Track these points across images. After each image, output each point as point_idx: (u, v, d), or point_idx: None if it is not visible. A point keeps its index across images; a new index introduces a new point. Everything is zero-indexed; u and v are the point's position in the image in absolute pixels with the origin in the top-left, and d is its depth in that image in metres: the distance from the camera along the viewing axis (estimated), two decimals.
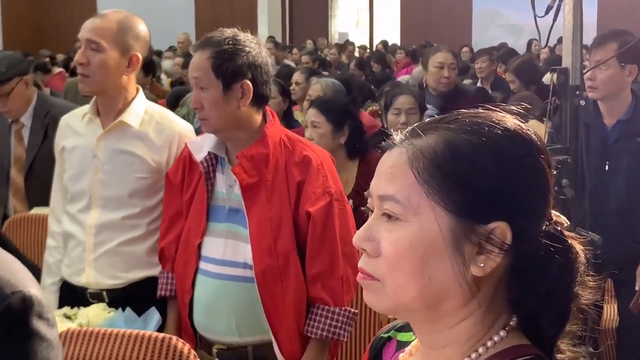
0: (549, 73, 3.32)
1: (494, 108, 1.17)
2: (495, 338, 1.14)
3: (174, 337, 2.46)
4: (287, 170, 2.86)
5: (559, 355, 1.17)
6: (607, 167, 3.54)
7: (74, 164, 3.38)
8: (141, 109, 3.32)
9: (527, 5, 3.23)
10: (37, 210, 4.71)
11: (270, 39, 18.17)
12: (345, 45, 17.43)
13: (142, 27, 3.39)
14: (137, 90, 3.37)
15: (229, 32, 2.88)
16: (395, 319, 1.39)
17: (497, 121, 1.14)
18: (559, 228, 1.16)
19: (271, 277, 2.78)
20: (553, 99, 3.01)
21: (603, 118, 3.53)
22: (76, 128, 3.41)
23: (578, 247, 1.17)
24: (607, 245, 2.79)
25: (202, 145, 2.97)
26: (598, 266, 2.66)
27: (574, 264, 1.15)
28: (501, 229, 1.09)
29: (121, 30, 3.20)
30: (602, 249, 3.17)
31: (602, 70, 3.56)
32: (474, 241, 1.10)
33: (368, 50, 17.75)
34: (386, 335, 1.38)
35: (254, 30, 13.79)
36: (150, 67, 6.14)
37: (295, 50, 16.71)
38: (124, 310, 3.20)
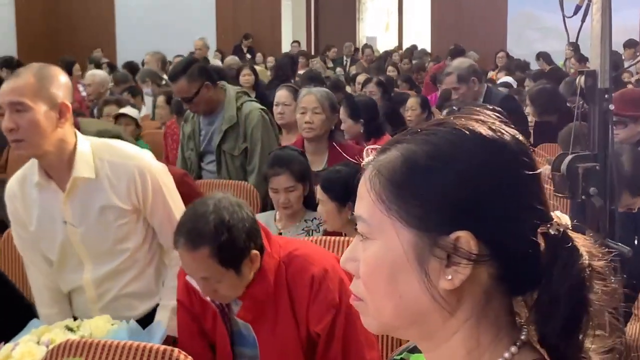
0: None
1: (466, 114, 1.16)
2: (506, 355, 1.10)
3: (176, 350, 2.43)
4: (291, 295, 2.91)
5: None
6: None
7: (45, 236, 3.32)
8: (89, 156, 3.20)
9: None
10: None
11: (295, 43, 18.21)
12: (363, 50, 17.40)
13: (61, 75, 3.28)
14: (76, 136, 3.23)
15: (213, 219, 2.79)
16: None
17: (458, 128, 1.12)
18: (561, 229, 1.11)
19: None
20: (581, 102, 2.98)
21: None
22: (29, 197, 3.31)
23: (585, 250, 1.12)
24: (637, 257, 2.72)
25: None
26: (627, 280, 2.60)
27: (578, 267, 1.10)
28: (464, 239, 1.07)
29: (41, 82, 3.07)
30: (632, 262, 3.15)
31: None
32: (440, 255, 1.08)
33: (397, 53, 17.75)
34: (399, 357, 1.37)
35: (277, 34, 13.89)
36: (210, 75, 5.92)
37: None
38: (127, 322, 3.19)
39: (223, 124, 5.37)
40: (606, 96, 3.00)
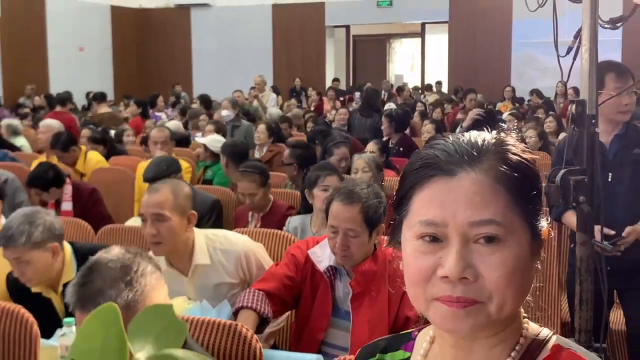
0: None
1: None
2: (523, 331, 1.11)
3: (240, 324, 2.43)
4: (391, 283, 2.85)
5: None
6: (609, 179, 3.47)
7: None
8: (204, 247, 3.27)
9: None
10: (132, 222, 4.68)
11: (335, 81, 18.19)
12: (398, 91, 17.36)
13: (187, 188, 3.39)
14: (193, 232, 3.31)
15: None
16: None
17: (519, 142, 1.12)
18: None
19: None
20: (572, 127, 2.97)
21: (599, 137, 3.47)
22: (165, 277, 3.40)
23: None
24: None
25: (321, 257, 3.02)
26: (609, 274, 2.58)
27: None
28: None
29: (176, 197, 3.15)
30: (614, 258, 3.15)
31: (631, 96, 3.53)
32: (538, 246, 1.08)
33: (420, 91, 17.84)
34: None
35: (322, 72, 13.79)
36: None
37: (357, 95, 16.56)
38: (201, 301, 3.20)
39: None
40: (593, 121, 2.99)
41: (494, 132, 1.12)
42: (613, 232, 3.26)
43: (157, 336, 0.40)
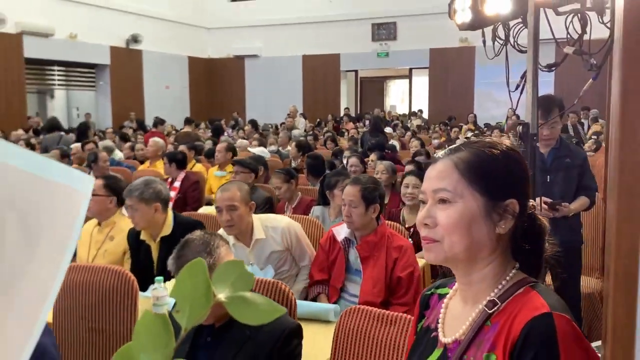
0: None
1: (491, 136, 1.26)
2: (510, 275, 1.15)
3: (280, 282, 2.42)
4: (388, 252, 2.98)
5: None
6: (548, 179, 3.47)
7: None
8: (259, 226, 3.29)
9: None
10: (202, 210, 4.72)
11: (346, 109, 18.19)
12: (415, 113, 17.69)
13: (246, 186, 3.42)
14: (252, 217, 3.35)
15: None
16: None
17: (499, 142, 1.18)
18: (532, 209, 1.18)
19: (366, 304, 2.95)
20: (519, 142, 2.96)
21: (539, 149, 3.47)
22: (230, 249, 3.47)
23: (545, 221, 1.20)
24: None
25: (340, 233, 3.13)
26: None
27: (543, 231, 1.18)
28: (513, 204, 1.12)
29: (242, 192, 3.20)
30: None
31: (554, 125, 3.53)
32: (498, 212, 1.11)
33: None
34: (429, 292, 1.32)
35: (338, 103, 13.73)
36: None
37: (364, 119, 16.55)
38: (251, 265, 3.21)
39: None
40: (534, 137, 2.98)
41: (472, 139, 1.24)
42: (550, 200, 3.32)
43: (233, 282, 0.40)
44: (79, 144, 7.98)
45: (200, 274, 0.39)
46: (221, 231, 3.27)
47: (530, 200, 1.19)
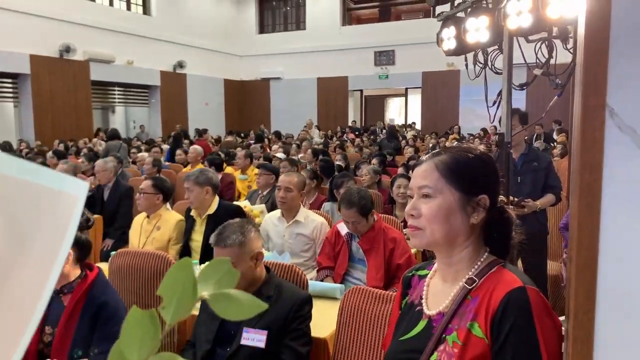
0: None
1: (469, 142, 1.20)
2: (483, 257, 1.14)
3: (295, 265, 2.38)
4: (385, 243, 2.92)
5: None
6: (519, 180, 3.41)
7: (273, 240, 3.40)
8: (304, 212, 3.37)
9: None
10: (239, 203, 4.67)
11: (353, 122, 18.11)
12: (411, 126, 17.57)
13: (302, 175, 3.62)
14: (300, 204, 3.43)
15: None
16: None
17: (476, 147, 1.18)
18: (501, 204, 1.16)
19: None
20: (496, 148, 2.91)
21: (512, 155, 3.39)
22: (272, 222, 3.45)
23: (513, 214, 1.18)
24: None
25: (343, 227, 3.05)
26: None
27: (510, 222, 1.16)
28: (484, 199, 1.11)
29: (298, 179, 3.40)
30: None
31: (515, 131, 3.46)
32: (472, 205, 1.10)
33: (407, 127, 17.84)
34: (410, 274, 1.29)
35: (346, 117, 13.71)
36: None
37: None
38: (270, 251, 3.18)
39: None
40: (509, 145, 2.92)
41: (451, 145, 1.26)
42: (516, 199, 3.25)
43: (218, 280, 0.36)
44: (145, 154, 8.01)
45: (187, 273, 0.35)
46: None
47: (501, 196, 1.17)
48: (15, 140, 11.85)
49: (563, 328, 1.06)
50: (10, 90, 13.02)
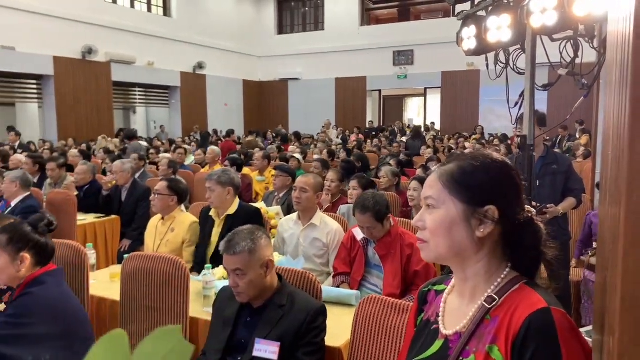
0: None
1: (484, 149, 1.11)
2: (504, 273, 1.04)
3: (308, 272, 2.31)
4: (402, 249, 2.82)
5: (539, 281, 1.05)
6: (537, 184, 3.28)
7: (288, 243, 3.34)
8: (320, 216, 3.31)
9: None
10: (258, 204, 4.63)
11: (371, 122, 17.99)
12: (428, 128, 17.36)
13: (319, 177, 3.49)
14: (316, 207, 3.36)
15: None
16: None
17: (487, 154, 1.06)
18: (529, 214, 1.05)
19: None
20: (517, 151, 2.80)
21: None
22: (288, 225, 3.39)
23: (542, 225, 1.06)
24: None
25: (359, 232, 2.95)
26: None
27: (539, 234, 1.05)
28: (492, 210, 1.01)
29: (314, 180, 3.34)
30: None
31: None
32: (477, 217, 1.01)
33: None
34: (426, 289, 1.20)
35: (364, 117, 13.76)
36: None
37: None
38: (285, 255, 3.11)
39: None
40: (531, 148, 2.81)
41: (462, 153, 1.13)
42: (537, 206, 3.13)
43: (164, 357, 0.28)
44: (167, 154, 8.04)
45: (118, 350, 0.27)
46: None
47: (527, 206, 1.06)
48: (38, 140, 12.02)
49: (590, 342, 0.97)
50: (35, 91, 13.22)
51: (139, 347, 0.29)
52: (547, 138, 3.55)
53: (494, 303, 1.00)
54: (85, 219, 4.83)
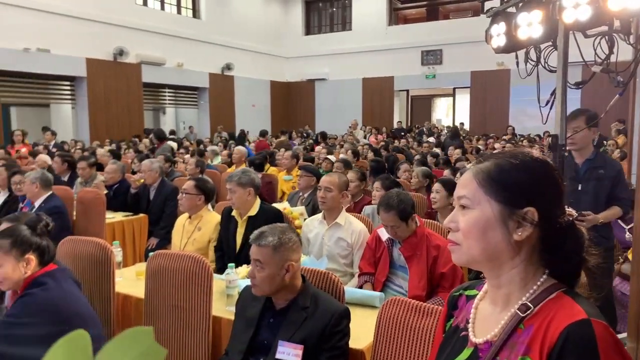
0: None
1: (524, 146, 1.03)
2: (540, 280, 0.98)
3: (331, 273, 2.28)
4: (428, 250, 2.76)
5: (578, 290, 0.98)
6: (579, 188, 3.10)
7: (312, 243, 3.33)
8: (344, 215, 3.29)
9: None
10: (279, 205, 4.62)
11: (399, 123, 17.84)
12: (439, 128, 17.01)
13: (344, 176, 3.49)
14: (341, 209, 3.33)
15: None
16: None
17: (526, 152, 1.00)
18: (572, 218, 0.98)
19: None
20: (548, 151, 2.71)
21: (574, 159, 3.11)
22: (313, 225, 3.39)
23: (584, 230, 0.99)
24: None
25: (384, 233, 2.91)
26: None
27: (581, 239, 0.97)
28: (531, 212, 0.94)
29: (339, 180, 3.31)
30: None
31: (578, 133, 3.12)
32: (515, 219, 0.95)
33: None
34: (457, 293, 1.15)
35: (391, 117, 13.64)
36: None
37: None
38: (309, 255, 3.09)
39: None
40: (563, 147, 2.72)
41: (500, 151, 1.06)
42: (576, 213, 2.94)
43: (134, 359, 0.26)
44: (188, 157, 8.14)
45: (79, 351, 0.25)
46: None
47: (568, 209, 0.99)
48: (70, 140, 12.34)
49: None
50: (68, 92, 13.58)
51: (103, 348, 0.27)
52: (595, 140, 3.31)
53: (529, 312, 0.94)
54: (114, 217, 4.92)
